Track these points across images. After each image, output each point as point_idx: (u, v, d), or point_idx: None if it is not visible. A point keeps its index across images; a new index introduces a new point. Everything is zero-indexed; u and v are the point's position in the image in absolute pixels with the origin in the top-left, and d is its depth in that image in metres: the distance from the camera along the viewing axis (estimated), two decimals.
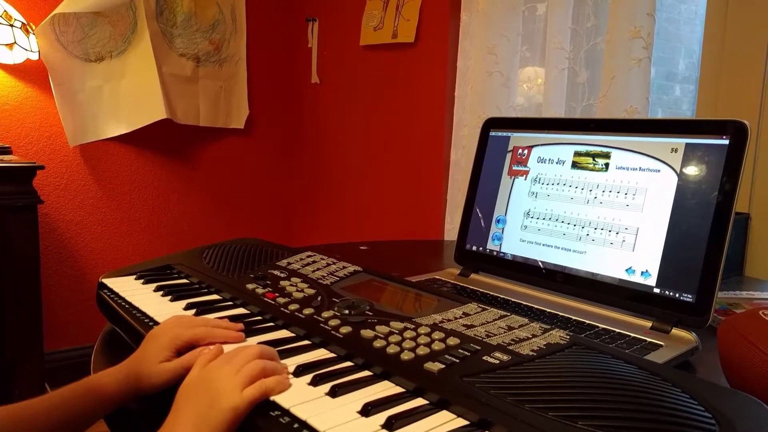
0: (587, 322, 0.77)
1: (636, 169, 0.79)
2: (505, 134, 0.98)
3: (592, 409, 0.43)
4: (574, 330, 0.73)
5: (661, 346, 0.69)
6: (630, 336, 0.72)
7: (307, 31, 2.52)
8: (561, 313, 0.80)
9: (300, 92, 2.63)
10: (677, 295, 0.72)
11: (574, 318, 0.78)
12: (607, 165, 0.83)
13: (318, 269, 0.82)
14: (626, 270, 0.78)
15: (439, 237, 1.94)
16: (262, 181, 2.68)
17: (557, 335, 0.57)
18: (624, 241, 0.79)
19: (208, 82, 2.41)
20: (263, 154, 2.66)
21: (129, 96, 2.20)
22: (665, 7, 1.61)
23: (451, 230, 1.85)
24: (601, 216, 0.82)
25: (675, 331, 0.72)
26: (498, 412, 0.44)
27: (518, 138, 0.96)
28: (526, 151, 0.94)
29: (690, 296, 0.71)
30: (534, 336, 0.57)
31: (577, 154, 0.87)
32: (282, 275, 0.80)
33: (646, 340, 0.70)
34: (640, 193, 0.78)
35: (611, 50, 1.36)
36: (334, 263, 0.84)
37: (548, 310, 0.81)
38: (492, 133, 0.99)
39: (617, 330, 0.73)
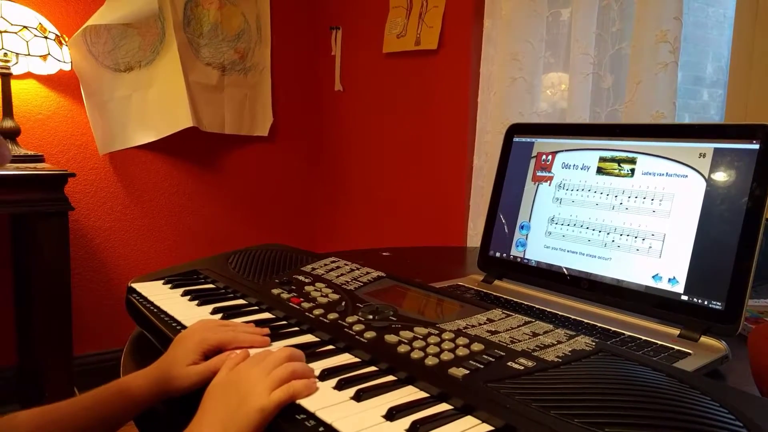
0: (613, 329, 0.76)
1: (663, 174, 0.78)
2: (529, 140, 0.97)
3: (620, 416, 0.42)
4: (599, 337, 0.73)
5: (689, 354, 0.68)
6: (657, 344, 0.71)
7: (331, 39, 2.54)
8: (586, 320, 0.79)
9: (323, 100, 2.65)
10: (706, 303, 0.71)
11: (599, 325, 0.77)
12: (632, 170, 0.82)
13: (342, 275, 0.83)
14: (653, 277, 0.77)
15: (461, 243, 1.94)
16: (285, 187, 2.70)
17: (582, 342, 0.57)
18: (650, 247, 0.78)
19: (234, 90, 2.45)
20: (287, 161, 2.69)
21: (157, 105, 2.24)
22: (692, 11, 1.58)
23: (474, 237, 1.84)
24: (626, 222, 0.81)
25: (704, 339, 0.70)
26: (523, 418, 0.43)
27: (542, 144, 0.95)
28: (550, 157, 0.94)
29: (719, 304, 0.70)
30: (559, 342, 0.56)
31: (602, 159, 0.86)
32: (306, 280, 0.80)
33: (673, 348, 0.69)
34: (667, 198, 0.77)
35: (637, 55, 1.35)
36: (357, 269, 0.85)
37: (573, 317, 0.80)
38: (516, 139, 0.99)
39: (644, 337, 0.72)
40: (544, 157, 0.94)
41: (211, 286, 0.84)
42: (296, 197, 2.74)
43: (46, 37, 1.81)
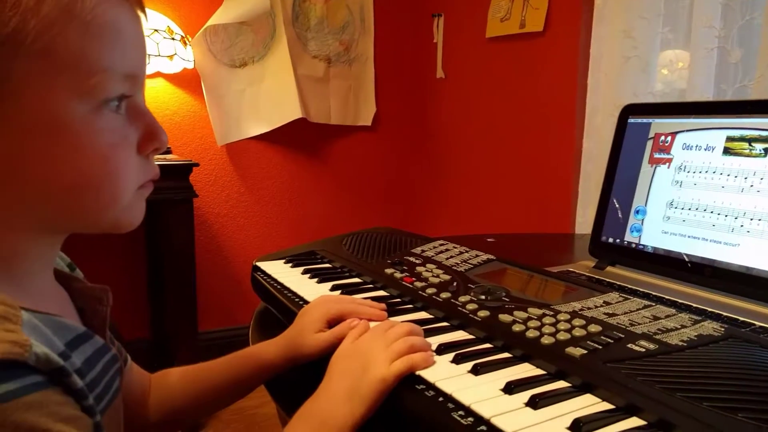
0: (741, 318, 0.71)
1: None
2: (645, 121, 0.93)
3: (755, 402, 0.41)
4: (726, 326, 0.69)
5: None
6: None
7: (433, 26, 2.55)
8: (709, 309, 0.75)
9: (425, 87, 2.66)
10: None
11: (724, 314, 0.73)
12: (766, 150, 0.76)
13: (451, 257, 0.84)
14: None
15: (567, 231, 1.88)
16: (389, 175, 2.76)
17: (710, 327, 0.54)
18: None
19: (339, 81, 2.53)
20: (390, 150, 2.74)
21: (268, 98, 2.38)
22: None
23: (582, 223, 1.78)
24: (758, 206, 0.76)
25: None
26: (646, 398, 0.43)
27: (660, 124, 0.91)
28: (669, 138, 0.89)
29: None
30: (683, 327, 0.55)
31: (729, 139, 0.81)
32: (417, 261, 0.83)
33: None
34: None
35: None
36: (466, 251, 0.86)
37: (694, 305, 0.77)
38: (631, 120, 0.95)
39: None
40: (662, 138, 0.90)
41: (328, 265, 0.89)
42: (399, 184, 2.79)
43: (173, 39, 1.97)
